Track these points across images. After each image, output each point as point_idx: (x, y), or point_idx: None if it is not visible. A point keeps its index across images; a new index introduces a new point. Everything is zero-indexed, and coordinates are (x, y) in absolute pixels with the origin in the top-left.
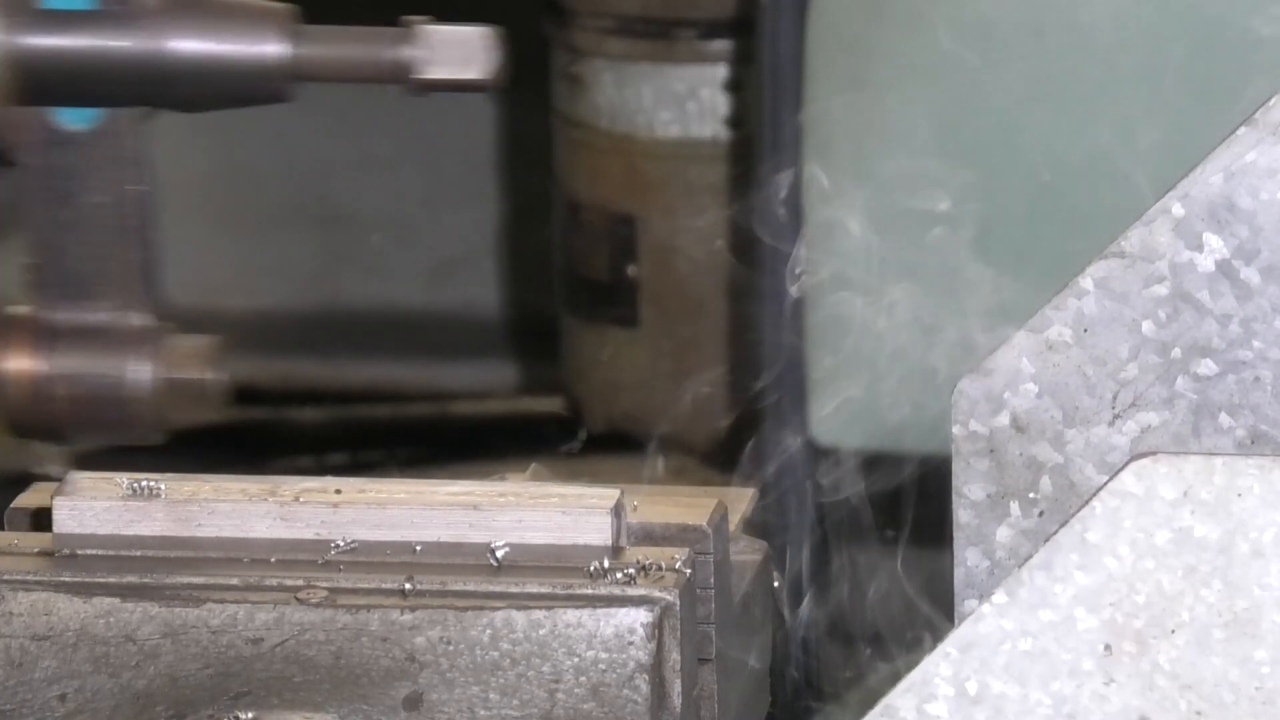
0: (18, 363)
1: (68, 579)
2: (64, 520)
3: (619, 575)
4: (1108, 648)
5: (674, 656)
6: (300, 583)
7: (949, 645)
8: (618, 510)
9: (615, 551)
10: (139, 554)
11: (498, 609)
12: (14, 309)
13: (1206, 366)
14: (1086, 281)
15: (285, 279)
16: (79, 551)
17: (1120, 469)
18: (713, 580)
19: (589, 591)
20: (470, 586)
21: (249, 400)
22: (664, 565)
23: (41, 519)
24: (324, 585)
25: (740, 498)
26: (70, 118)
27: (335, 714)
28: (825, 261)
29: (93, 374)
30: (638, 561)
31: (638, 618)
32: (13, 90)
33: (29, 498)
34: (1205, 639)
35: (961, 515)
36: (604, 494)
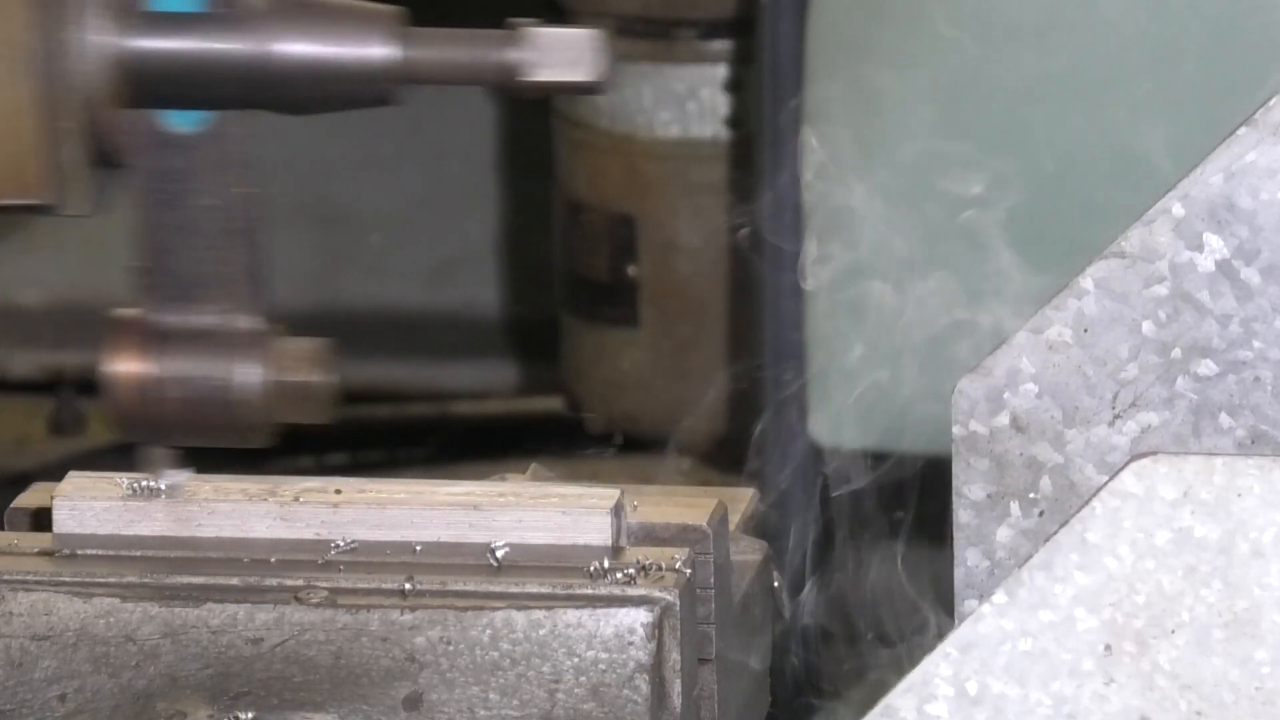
0: (127, 365)
1: (68, 579)
2: (64, 520)
3: (619, 575)
4: (1108, 648)
5: (674, 656)
6: (300, 583)
7: (949, 645)
8: (618, 510)
9: (615, 551)
10: (139, 554)
11: (498, 609)
12: (123, 312)
13: (1206, 366)
14: (1086, 281)
15: (285, 279)
16: (79, 551)
17: (1120, 469)
18: (713, 580)
19: (589, 591)
20: (470, 586)
21: None
22: (664, 565)
23: (41, 519)
24: (324, 585)
25: (740, 498)
26: (178, 120)
27: (335, 714)
28: (825, 261)
29: (201, 376)
30: (638, 561)
31: (638, 618)
32: (121, 93)
33: (29, 498)
34: (1205, 639)
35: (961, 515)
36: (604, 494)
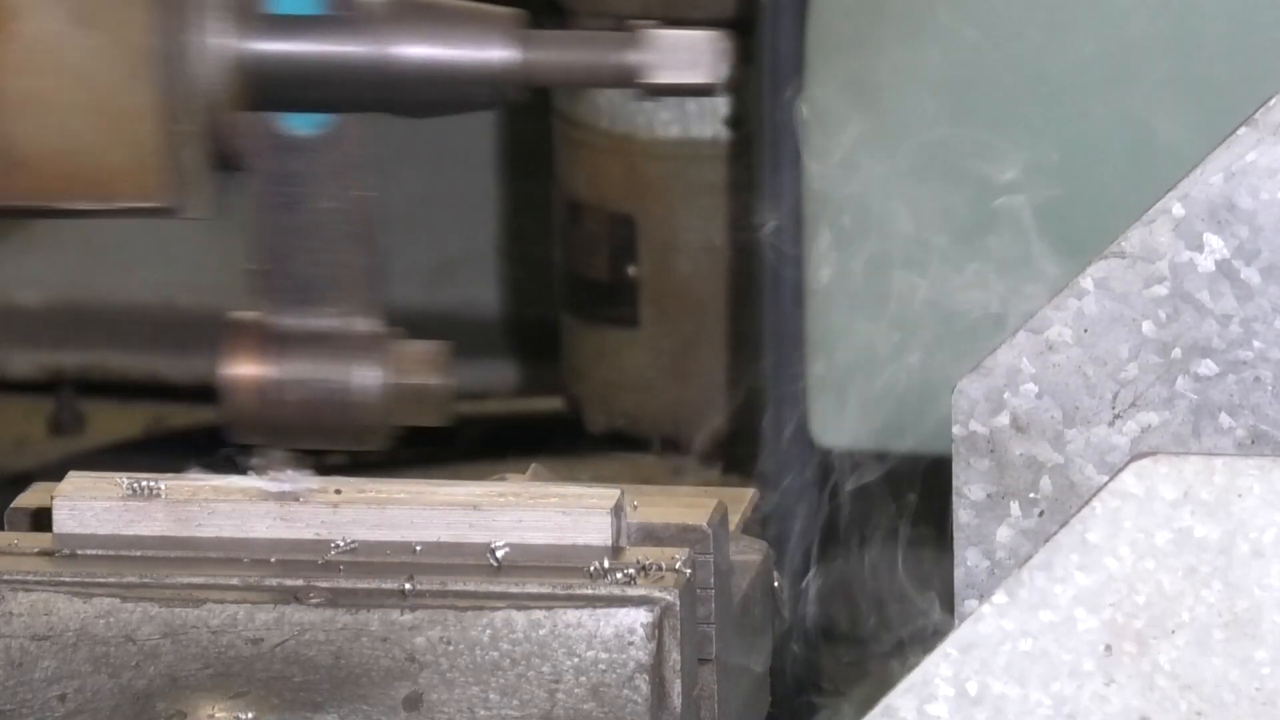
0: (245, 368)
1: (68, 579)
2: (64, 520)
3: (619, 575)
4: (1108, 648)
5: (674, 656)
6: (300, 583)
7: (949, 646)
8: (618, 510)
9: (615, 551)
10: (139, 554)
11: (498, 609)
12: (241, 315)
13: (1207, 366)
14: (1086, 281)
15: None
16: (79, 551)
17: (1120, 469)
18: (713, 580)
19: (589, 591)
20: (470, 586)
21: None
22: (664, 565)
23: (41, 519)
24: (324, 585)
25: (740, 498)
26: (297, 123)
27: (335, 714)
28: (826, 261)
29: (320, 379)
30: (638, 562)
31: (638, 618)
32: (241, 96)
33: (29, 498)
34: (1205, 639)
35: (961, 515)
36: (604, 494)
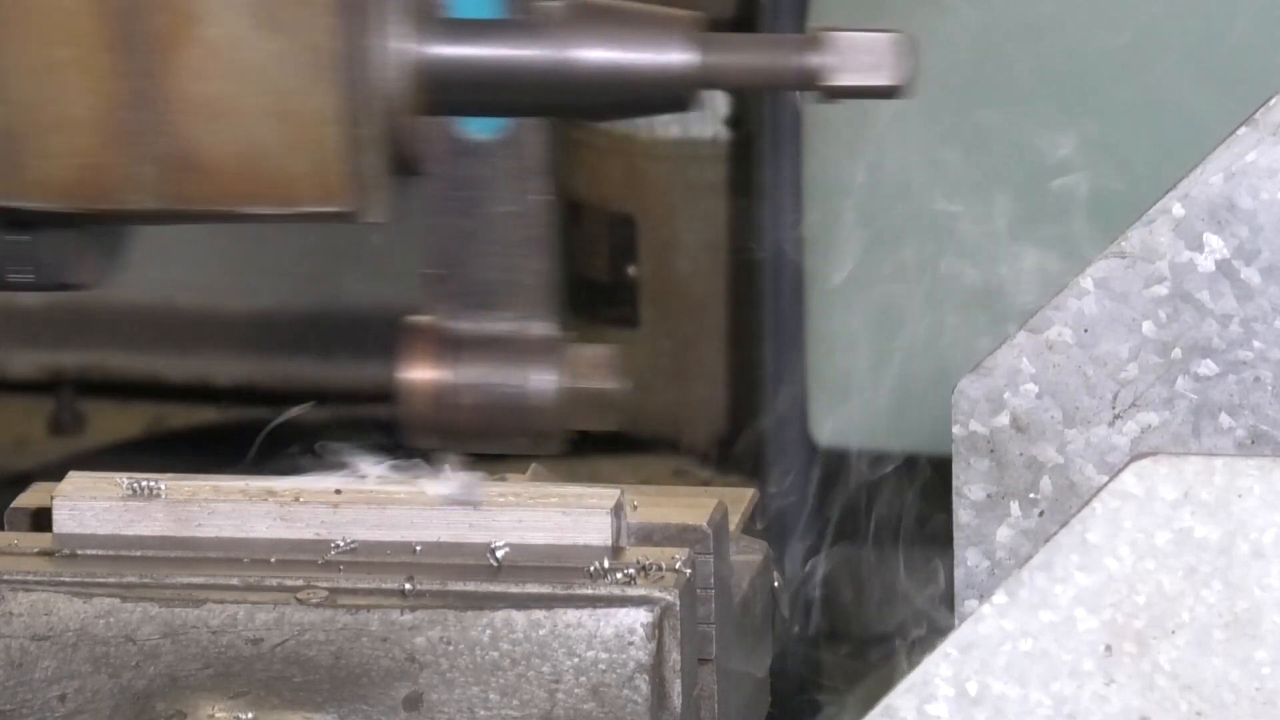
0: (421, 372)
1: (68, 579)
2: (64, 520)
3: (619, 575)
4: (1108, 648)
5: (674, 657)
6: (300, 583)
7: (949, 646)
8: (618, 510)
9: (615, 552)
10: (139, 554)
11: (498, 609)
12: (418, 319)
13: (1207, 367)
14: (1086, 281)
15: (285, 279)
16: (79, 551)
17: (1120, 469)
18: (713, 580)
19: (589, 592)
20: (470, 586)
21: (249, 400)
22: (664, 565)
23: (41, 519)
24: (324, 585)
25: (740, 498)
26: (475, 127)
27: (335, 714)
28: (825, 261)
29: (496, 383)
30: (638, 562)
31: (638, 618)
32: (421, 100)
33: (29, 498)
34: (1206, 640)
35: (961, 515)
36: (604, 494)
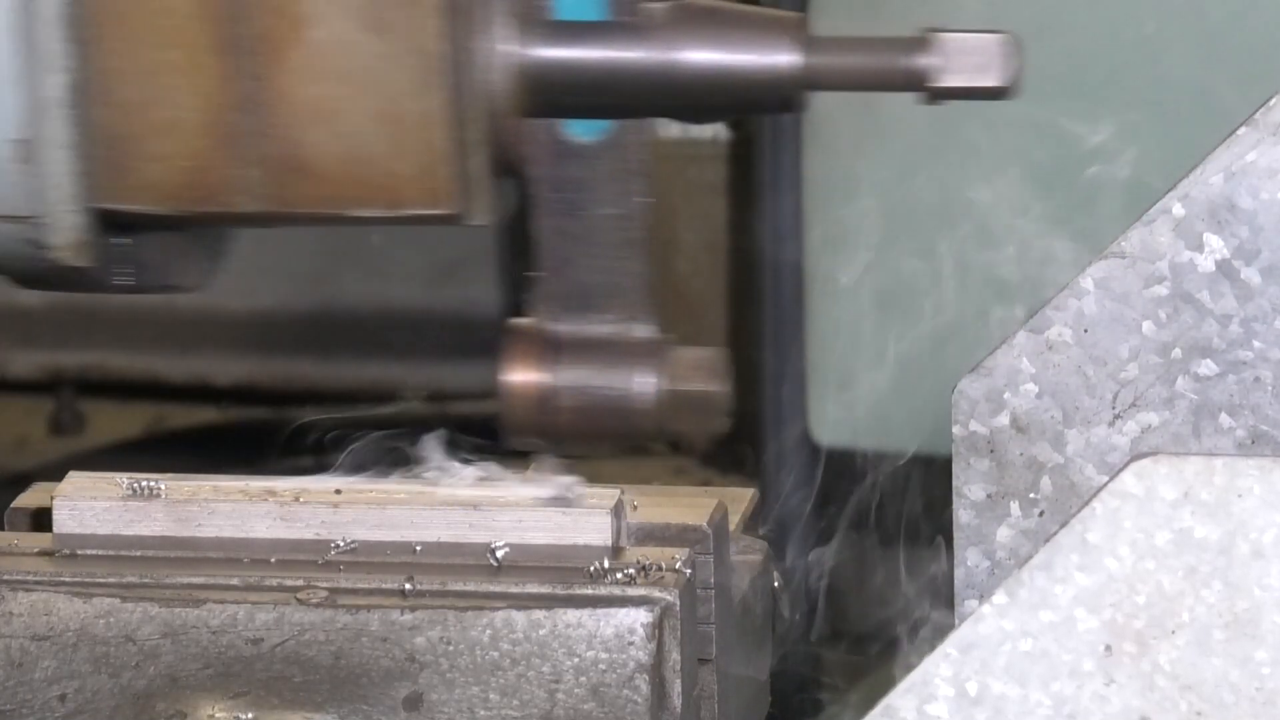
0: (523, 374)
1: (68, 579)
2: (64, 520)
3: (619, 575)
4: (1108, 648)
5: (674, 656)
6: (300, 583)
7: (949, 646)
8: (618, 510)
9: (615, 552)
10: (139, 554)
11: (498, 609)
12: (519, 321)
13: (1207, 367)
14: (1086, 281)
15: (285, 279)
16: (79, 551)
17: (1120, 469)
18: (713, 580)
19: (589, 592)
20: (470, 586)
21: (249, 400)
22: (664, 565)
23: (41, 519)
24: (324, 585)
25: (740, 498)
26: (579, 129)
27: (335, 714)
28: (826, 262)
29: (598, 385)
30: (638, 562)
31: (638, 618)
32: (525, 103)
33: (29, 498)
34: (1205, 640)
35: (961, 515)
36: (604, 494)
